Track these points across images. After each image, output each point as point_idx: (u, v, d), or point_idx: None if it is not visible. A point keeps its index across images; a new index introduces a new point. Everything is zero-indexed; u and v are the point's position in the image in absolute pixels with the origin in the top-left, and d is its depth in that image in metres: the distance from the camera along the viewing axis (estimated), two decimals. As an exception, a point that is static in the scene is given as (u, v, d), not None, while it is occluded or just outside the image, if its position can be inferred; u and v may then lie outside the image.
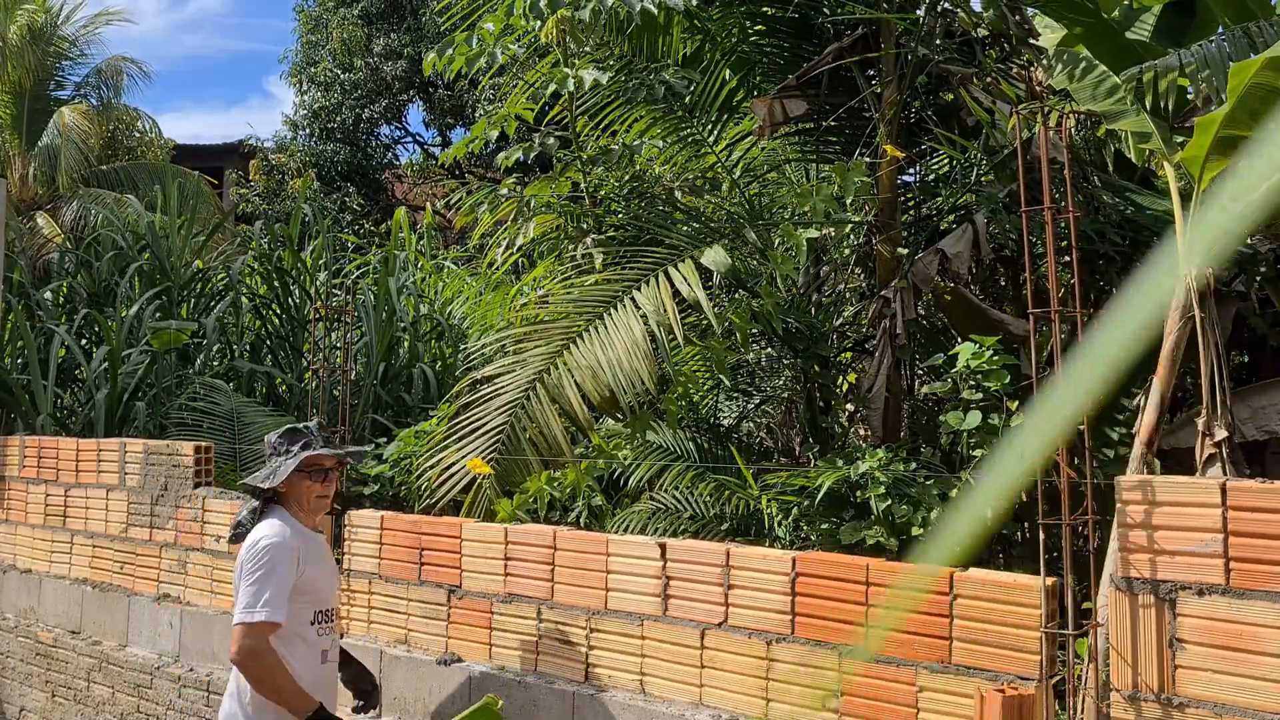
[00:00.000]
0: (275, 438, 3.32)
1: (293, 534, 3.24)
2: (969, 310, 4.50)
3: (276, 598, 3.11)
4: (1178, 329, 3.10)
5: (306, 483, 3.30)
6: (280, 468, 3.25)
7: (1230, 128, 3.04)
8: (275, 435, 3.33)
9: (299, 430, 3.34)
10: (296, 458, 3.25)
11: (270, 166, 19.38)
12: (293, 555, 3.19)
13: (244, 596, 3.13)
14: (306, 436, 3.32)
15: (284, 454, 3.28)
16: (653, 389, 4.30)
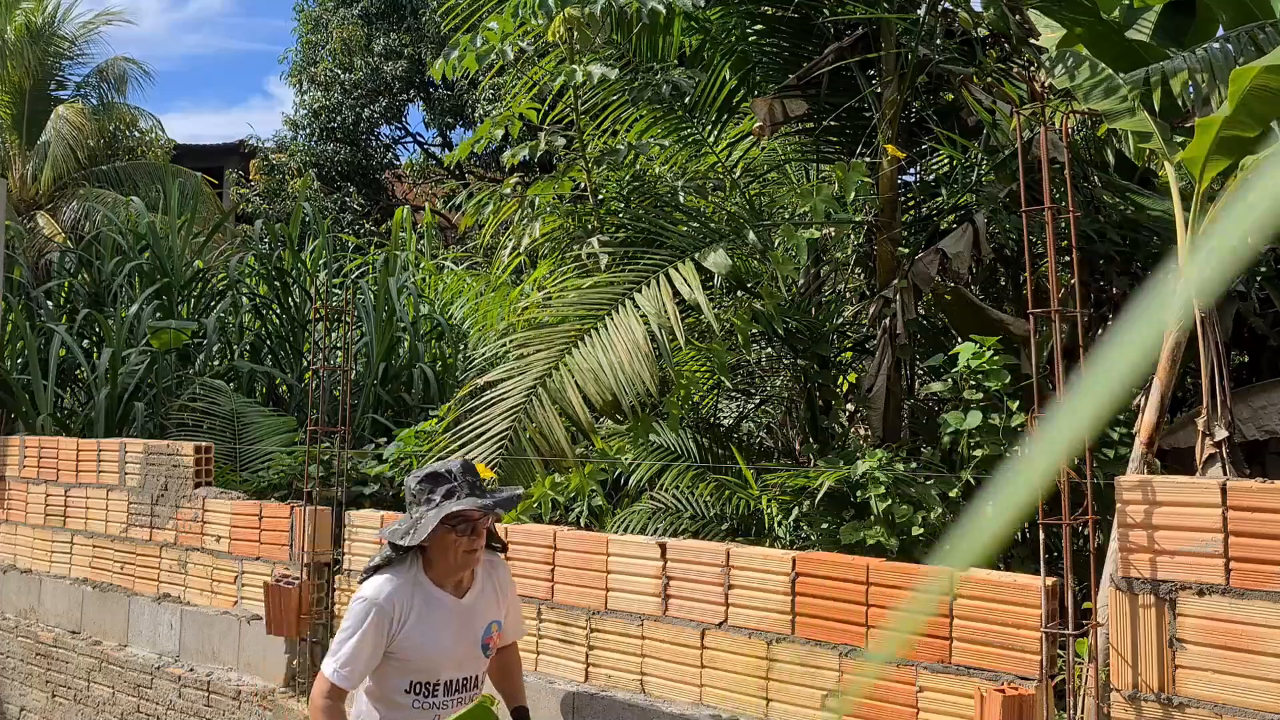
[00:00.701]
0: (415, 483, 2.89)
1: (397, 594, 2.86)
2: (969, 310, 4.50)
3: (353, 660, 2.84)
4: (1178, 329, 3.10)
5: (451, 536, 2.84)
6: (421, 522, 2.82)
7: (1231, 129, 3.04)
8: (415, 480, 2.90)
9: (442, 475, 2.88)
10: (439, 509, 2.80)
11: (270, 166, 19.38)
12: (386, 621, 2.84)
13: (333, 643, 2.92)
14: (450, 483, 2.87)
15: (426, 503, 2.84)
16: (654, 391, 4.30)
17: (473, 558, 2.92)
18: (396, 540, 2.85)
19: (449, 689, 2.95)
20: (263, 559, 4.89)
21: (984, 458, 3.68)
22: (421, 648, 2.88)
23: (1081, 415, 0.49)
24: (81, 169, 15.32)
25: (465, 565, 2.93)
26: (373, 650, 2.84)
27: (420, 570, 2.92)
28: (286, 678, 4.71)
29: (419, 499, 2.86)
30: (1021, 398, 3.71)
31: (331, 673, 2.84)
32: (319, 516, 4.67)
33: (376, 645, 2.85)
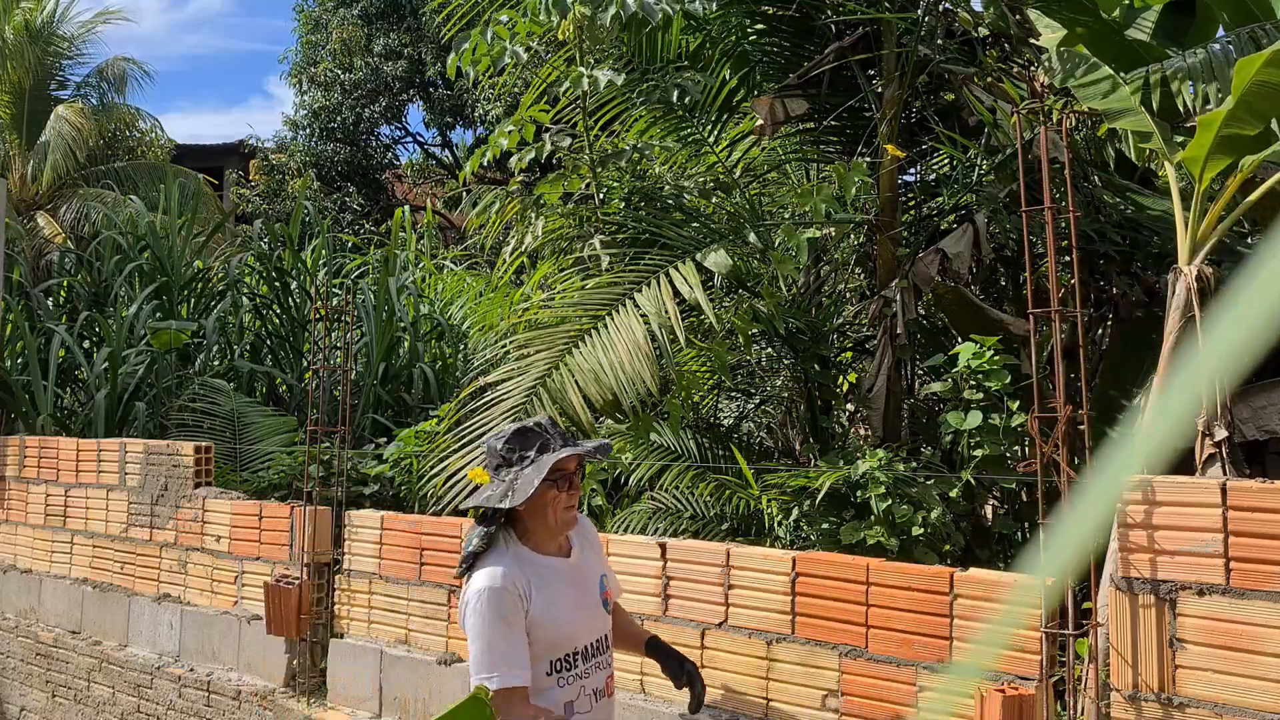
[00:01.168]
0: (501, 444, 2.66)
1: (512, 572, 2.60)
2: (969, 310, 4.50)
3: (510, 653, 2.53)
4: (1178, 329, 3.10)
5: (552, 493, 2.63)
6: (520, 481, 2.59)
7: (1231, 126, 3.04)
8: (499, 441, 2.67)
9: (530, 430, 2.67)
10: (540, 465, 2.58)
11: (270, 166, 19.39)
12: (516, 600, 2.59)
13: (473, 659, 2.57)
14: (542, 436, 2.65)
15: (519, 463, 2.62)
16: (655, 391, 4.30)
17: (572, 514, 2.72)
18: (494, 504, 2.59)
19: (586, 655, 2.71)
20: (263, 559, 4.89)
21: (984, 458, 3.68)
22: (554, 620, 2.64)
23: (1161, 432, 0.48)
24: (82, 169, 15.32)
25: (567, 523, 2.71)
26: (520, 633, 2.57)
27: (517, 543, 2.66)
28: (286, 678, 4.71)
29: (508, 460, 2.63)
30: (1021, 398, 3.71)
31: (499, 683, 2.48)
32: (319, 516, 4.67)
33: (520, 628, 2.57)
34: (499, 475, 2.65)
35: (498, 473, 2.66)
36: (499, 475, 2.65)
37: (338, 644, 4.50)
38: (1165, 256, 4.26)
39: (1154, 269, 4.52)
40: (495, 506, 2.60)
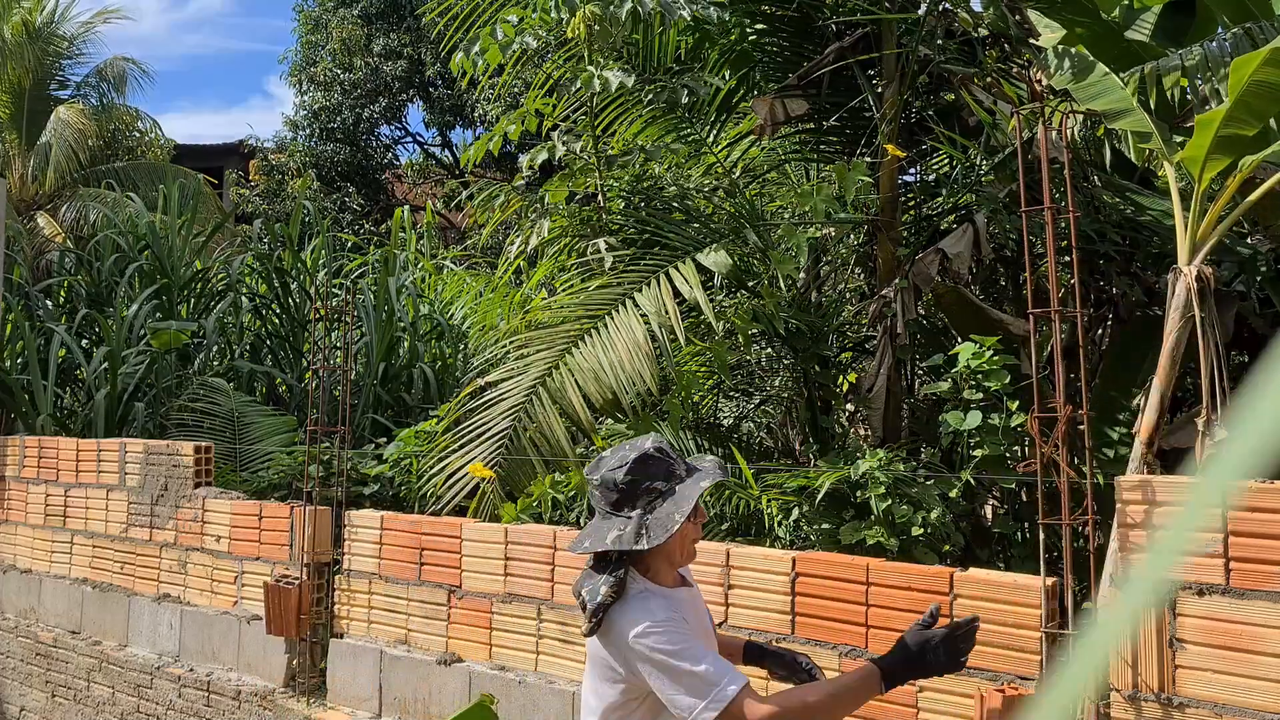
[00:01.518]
0: (622, 474, 2.30)
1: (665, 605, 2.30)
2: (969, 310, 4.50)
3: (715, 662, 2.23)
4: (1178, 329, 3.10)
5: (687, 525, 2.33)
6: (657, 517, 2.27)
7: (1230, 126, 3.04)
8: (619, 471, 2.31)
9: (652, 457, 2.32)
10: (680, 499, 2.28)
11: (270, 166, 19.39)
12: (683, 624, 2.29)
13: (684, 692, 2.17)
14: (666, 462, 2.33)
15: (645, 494, 2.29)
16: (655, 390, 4.30)
17: (697, 545, 2.44)
18: (629, 546, 2.26)
19: None
20: (263, 559, 4.89)
21: (984, 458, 3.68)
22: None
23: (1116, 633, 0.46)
24: (82, 169, 15.32)
25: (692, 556, 2.44)
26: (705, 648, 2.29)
27: (647, 581, 2.34)
28: (286, 678, 4.71)
29: (631, 493, 2.30)
30: (1021, 398, 3.71)
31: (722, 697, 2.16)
32: (319, 517, 4.67)
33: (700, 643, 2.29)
34: (618, 511, 2.32)
35: (617, 509, 2.32)
36: (618, 511, 2.32)
37: (337, 644, 4.50)
38: (1165, 256, 4.26)
39: (1154, 269, 4.52)
40: (629, 549, 2.26)
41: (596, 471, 2.37)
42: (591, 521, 2.41)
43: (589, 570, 2.39)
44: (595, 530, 2.36)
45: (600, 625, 2.27)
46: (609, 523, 2.33)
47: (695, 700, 2.15)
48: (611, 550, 2.30)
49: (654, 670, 2.19)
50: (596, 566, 2.37)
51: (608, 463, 2.35)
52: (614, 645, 2.26)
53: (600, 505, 2.35)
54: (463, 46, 5.18)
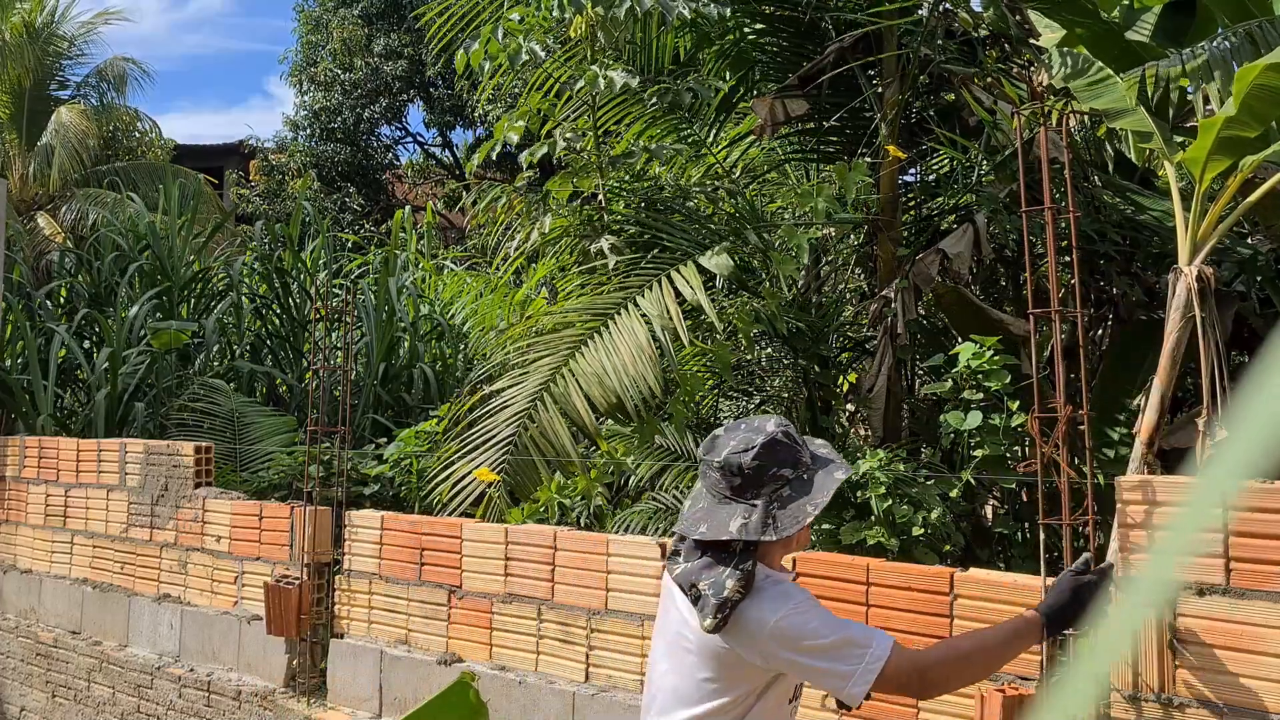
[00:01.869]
0: (749, 458, 2.15)
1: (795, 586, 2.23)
2: (969, 310, 4.50)
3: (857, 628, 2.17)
4: (1178, 329, 3.10)
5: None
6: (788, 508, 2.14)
7: (1231, 128, 3.04)
8: (746, 455, 2.16)
9: (779, 442, 2.18)
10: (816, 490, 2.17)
11: (270, 167, 19.40)
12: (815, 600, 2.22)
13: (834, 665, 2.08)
14: (793, 448, 2.20)
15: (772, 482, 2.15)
16: (658, 392, 4.30)
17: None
18: (755, 536, 2.12)
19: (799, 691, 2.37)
20: (263, 559, 4.89)
21: (984, 458, 3.68)
22: None
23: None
24: (83, 169, 15.33)
25: (805, 545, 2.34)
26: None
27: (762, 567, 2.20)
28: (287, 678, 4.71)
29: (757, 479, 2.15)
30: (1021, 398, 3.71)
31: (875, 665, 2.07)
32: (319, 517, 4.67)
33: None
34: (739, 496, 2.17)
35: (738, 495, 2.17)
36: (739, 496, 2.17)
37: (338, 644, 4.51)
38: (1165, 257, 4.26)
39: (1154, 269, 4.52)
40: (756, 539, 2.12)
41: (716, 453, 2.20)
42: (699, 504, 2.23)
43: (701, 558, 2.20)
44: (710, 515, 2.19)
45: (727, 621, 2.10)
46: (728, 508, 2.17)
47: (848, 669, 2.06)
48: (736, 540, 2.13)
49: (799, 654, 2.09)
50: (711, 554, 2.18)
51: (729, 444, 2.20)
52: (747, 638, 2.12)
53: (717, 488, 2.19)
54: (463, 45, 5.18)
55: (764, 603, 2.11)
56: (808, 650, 2.08)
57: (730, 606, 2.10)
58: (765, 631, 2.10)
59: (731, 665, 2.14)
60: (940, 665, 2.12)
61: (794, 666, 2.11)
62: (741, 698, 2.16)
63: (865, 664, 2.06)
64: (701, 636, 2.16)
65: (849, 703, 2.08)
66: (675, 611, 2.26)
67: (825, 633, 2.09)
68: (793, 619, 2.10)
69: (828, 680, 2.10)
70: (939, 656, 2.14)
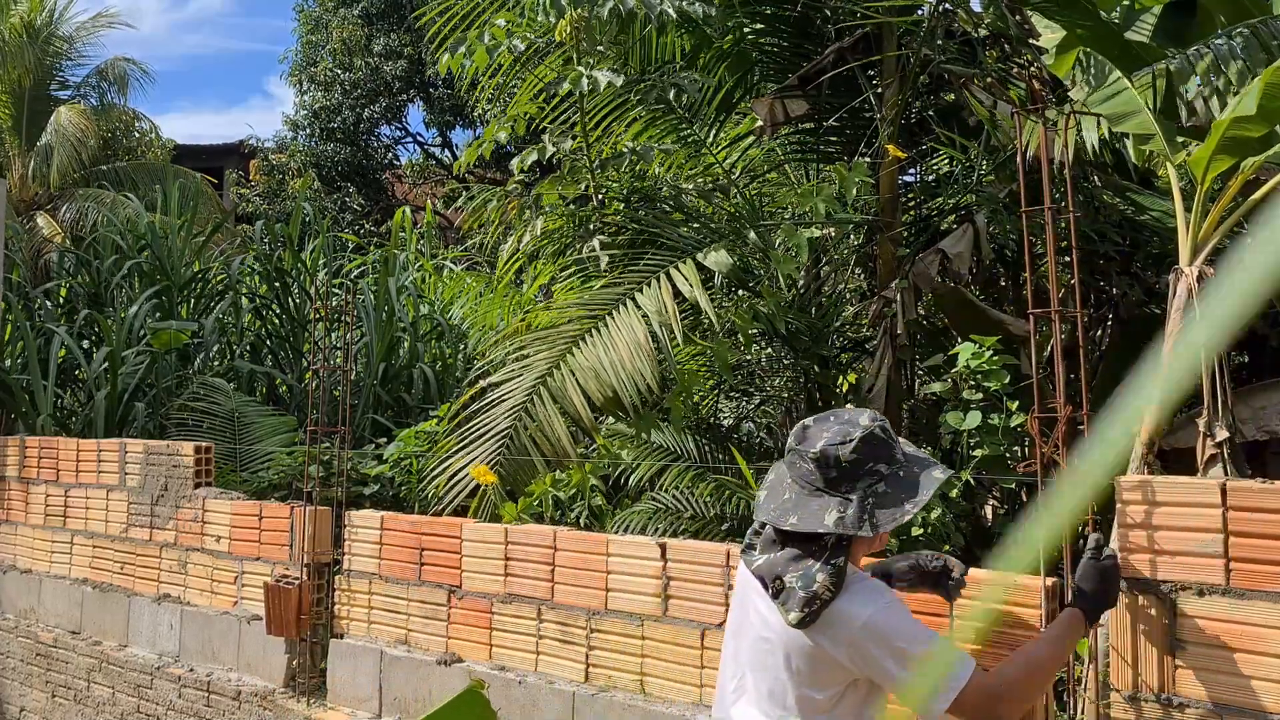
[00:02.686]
0: (848, 450, 2.10)
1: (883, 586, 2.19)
2: (969, 310, 4.50)
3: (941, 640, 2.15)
4: (1179, 329, 3.10)
5: None
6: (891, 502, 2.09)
7: (1238, 129, 3.04)
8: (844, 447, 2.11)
9: (876, 437, 2.13)
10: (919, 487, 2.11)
11: (271, 166, 19.40)
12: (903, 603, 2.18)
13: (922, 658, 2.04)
14: (892, 444, 2.15)
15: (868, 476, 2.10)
16: (655, 389, 4.30)
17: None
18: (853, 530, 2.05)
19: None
20: (263, 559, 4.89)
21: (984, 458, 3.68)
22: None
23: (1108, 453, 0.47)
24: (82, 169, 15.33)
25: (884, 544, 2.32)
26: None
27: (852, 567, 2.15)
28: (286, 678, 4.71)
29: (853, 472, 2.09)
30: (1021, 398, 3.71)
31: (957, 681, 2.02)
32: (319, 517, 4.67)
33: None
34: (833, 489, 2.10)
35: (832, 487, 2.11)
36: (833, 489, 2.10)
37: (338, 644, 4.51)
38: (1165, 257, 4.27)
39: (1154, 269, 4.52)
40: (853, 534, 2.06)
41: (810, 443, 2.14)
42: (785, 495, 2.16)
43: (784, 550, 2.13)
44: (801, 506, 2.12)
45: (815, 617, 2.04)
46: (820, 501, 2.10)
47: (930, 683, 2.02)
48: (830, 533, 2.07)
49: (887, 655, 2.03)
50: (797, 546, 2.11)
51: (824, 435, 2.14)
52: (835, 633, 2.05)
53: (808, 479, 2.13)
54: (449, 48, 5.20)
55: (854, 598, 2.06)
56: (896, 653, 2.03)
57: (819, 603, 2.04)
58: (855, 627, 2.04)
59: (818, 662, 2.09)
60: (1011, 689, 2.08)
61: (877, 668, 2.05)
62: (833, 698, 2.11)
63: (947, 681, 2.01)
64: (786, 632, 2.10)
65: (923, 716, 2.08)
66: (753, 608, 2.20)
67: (915, 638, 2.05)
68: (885, 616, 2.05)
69: (906, 690, 2.05)
70: (1010, 681, 2.09)
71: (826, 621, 2.05)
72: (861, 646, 2.05)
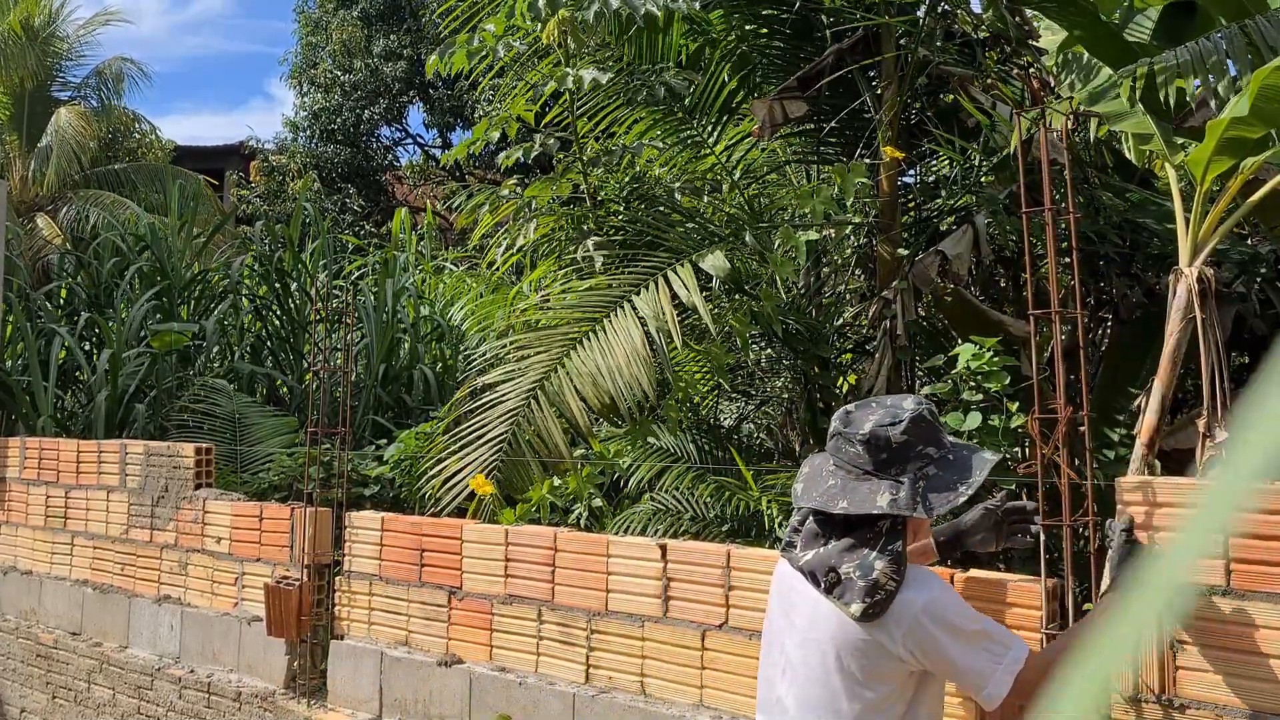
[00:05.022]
0: (899, 433, 2.05)
1: (932, 572, 2.16)
2: (969, 311, 4.50)
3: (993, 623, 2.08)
4: (1179, 330, 3.10)
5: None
6: (942, 484, 2.04)
7: (1237, 130, 3.04)
8: (894, 428, 2.06)
9: (925, 419, 2.10)
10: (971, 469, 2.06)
11: (271, 168, 19.40)
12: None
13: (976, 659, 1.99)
14: (938, 427, 2.12)
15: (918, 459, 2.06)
16: (652, 394, 4.30)
17: None
18: (906, 510, 2.01)
19: None
20: (263, 560, 4.89)
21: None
22: None
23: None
24: (82, 170, 15.33)
25: (927, 534, 2.24)
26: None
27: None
28: (287, 679, 4.72)
29: (904, 454, 2.04)
30: (1021, 399, 3.71)
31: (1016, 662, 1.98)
32: (319, 518, 4.67)
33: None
34: (882, 472, 2.05)
35: (882, 470, 2.05)
36: (882, 472, 2.05)
37: (338, 645, 4.51)
38: (1165, 258, 4.27)
39: (1154, 270, 4.52)
40: (908, 515, 2.01)
41: (857, 426, 2.08)
42: (828, 481, 2.11)
43: (835, 542, 2.06)
44: (849, 491, 2.06)
45: (881, 608, 1.97)
46: (869, 484, 2.04)
47: (990, 666, 1.97)
48: (884, 517, 2.00)
49: (947, 634, 1.98)
50: (851, 536, 2.05)
51: (871, 418, 2.08)
52: (893, 622, 1.99)
53: (856, 463, 2.07)
54: (438, 50, 5.23)
55: (909, 584, 2.00)
56: (954, 631, 1.98)
57: (884, 593, 1.97)
58: (913, 611, 1.98)
59: (875, 658, 2.01)
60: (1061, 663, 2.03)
61: (934, 650, 1.99)
62: (886, 697, 2.04)
63: (1006, 664, 1.97)
64: (840, 630, 2.03)
65: (987, 705, 2.00)
66: (798, 609, 2.13)
67: (971, 619, 2.00)
68: (941, 599, 2.01)
69: (968, 676, 1.99)
70: (1059, 653, 2.05)
71: (886, 613, 1.99)
72: (920, 630, 1.98)
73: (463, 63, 5.09)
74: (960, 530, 2.37)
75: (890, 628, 1.99)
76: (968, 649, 1.98)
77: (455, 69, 5.15)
